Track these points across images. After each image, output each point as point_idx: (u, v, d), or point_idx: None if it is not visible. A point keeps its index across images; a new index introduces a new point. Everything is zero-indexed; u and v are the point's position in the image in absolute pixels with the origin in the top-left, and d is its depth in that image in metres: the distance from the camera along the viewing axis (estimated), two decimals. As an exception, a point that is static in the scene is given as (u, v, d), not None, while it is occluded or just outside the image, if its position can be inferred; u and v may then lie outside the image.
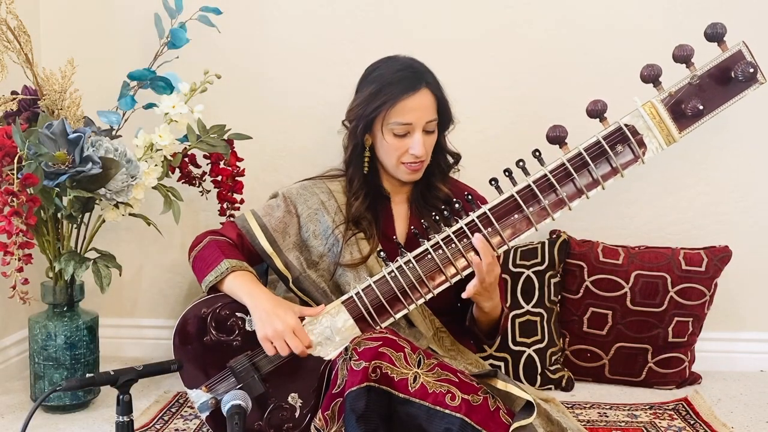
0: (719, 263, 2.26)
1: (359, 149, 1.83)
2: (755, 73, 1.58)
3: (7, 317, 2.35)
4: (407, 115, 1.75)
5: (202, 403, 1.67)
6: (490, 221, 1.66)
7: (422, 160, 1.79)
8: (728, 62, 1.60)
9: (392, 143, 1.77)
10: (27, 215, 1.84)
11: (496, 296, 1.73)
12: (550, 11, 2.38)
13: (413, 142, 1.76)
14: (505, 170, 1.66)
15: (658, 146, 1.63)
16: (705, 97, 1.60)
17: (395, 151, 1.78)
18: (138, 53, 2.34)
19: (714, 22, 1.58)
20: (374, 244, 1.81)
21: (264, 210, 1.86)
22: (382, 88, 1.76)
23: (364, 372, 1.46)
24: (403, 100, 1.74)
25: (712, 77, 1.60)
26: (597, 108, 1.62)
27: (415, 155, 1.77)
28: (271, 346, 1.62)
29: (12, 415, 2.08)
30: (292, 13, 2.42)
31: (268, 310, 1.64)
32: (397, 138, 1.77)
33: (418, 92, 1.76)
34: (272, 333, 1.62)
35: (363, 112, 1.78)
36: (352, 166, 1.87)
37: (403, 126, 1.75)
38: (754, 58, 1.60)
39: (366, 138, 1.82)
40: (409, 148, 1.77)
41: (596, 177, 1.64)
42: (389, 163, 1.81)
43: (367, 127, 1.79)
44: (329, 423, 1.50)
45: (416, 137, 1.76)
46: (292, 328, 1.62)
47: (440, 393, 1.47)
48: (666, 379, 2.30)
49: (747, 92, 1.61)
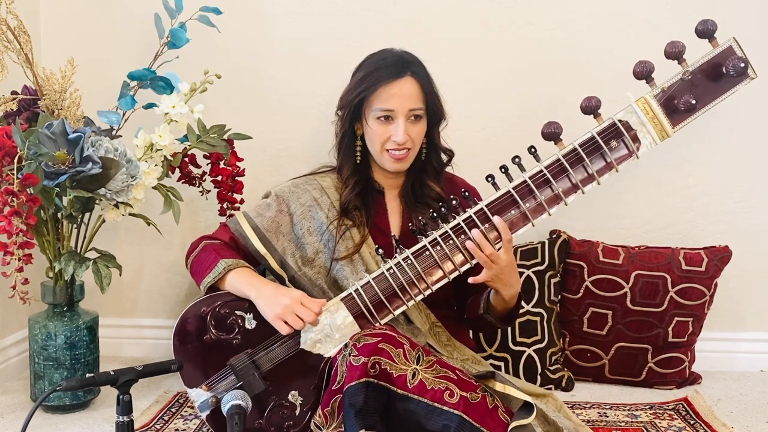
0: (719, 263, 2.26)
1: (348, 137, 1.86)
2: (746, 68, 1.60)
3: (7, 317, 2.35)
4: (389, 101, 1.77)
5: (202, 402, 1.67)
6: (487, 217, 1.67)
7: (407, 147, 1.80)
8: (719, 58, 1.62)
9: (376, 129, 1.80)
10: (27, 215, 1.84)
11: (516, 284, 1.73)
12: (548, 11, 2.38)
13: (395, 129, 1.77)
14: (501, 167, 1.68)
15: (651, 141, 1.65)
16: (697, 92, 1.62)
17: (378, 138, 1.80)
18: (138, 53, 2.35)
19: (704, 19, 1.59)
20: (364, 233, 1.82)
21: (256, 211, 1.87)
22: (368, 74, 1.80)
23: (363, 367, 1.47)
24: (386, 85, 1.77)
25: (704, 73, 1.63)
26: (591, 104, 1.65)
27: (396, 142, 1.78)
28: (284, 324, 1.64)
29: (12, 415, 2.08)
30: (292, 12, 2.42)
31: (272, 292, 1.67)
32: (380, 124, 1.79)
33: (401, 79, 1.78)
34: (282, 310, 1.64)
35: (349, 98, 1.82)
36: (341, 155, 1.89)
37: (384, 111, 1.77)
38: (744, 53, 1.62)
39: (357, 127, 1.85)
40: (392, 135, 1.78)
41: (591, 172, 1.66)
42: (374, 150, 1.83)
43: (354, 113, 1.82)
44: (329, 419, 1.51)
45: (398, 123, 1.77)
46: (299, 300, 1.65)
47: (439, 390, 1.48)
48: (666, 379, 2.30)
49: (739, 87, 1.63)
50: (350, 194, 1.85)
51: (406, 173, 1.90)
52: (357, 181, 1.86)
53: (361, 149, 1.87)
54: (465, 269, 1.69)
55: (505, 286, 1.71)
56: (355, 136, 1.86)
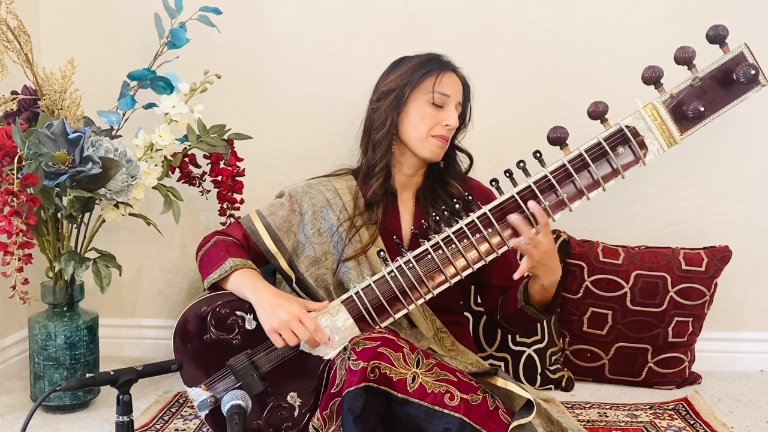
0: (719, 263, 2.26)
1: (388, 126, 1.84)
2: (757, 75, 1.57)
3: (7, 317, 2.35)
4: (448, 88, 1.83)
5: (201, 401, 1.67)
6: (490, 222, 1.66)
7: (451, 136, 1.86)
8: (730, 64, 1.59)
9: (426, 113, 1.82)
10: (27, 215, 1.84)
11: (558, 270, 1.70)
12: (552, 11, 2.38)
13: (448, 114, 1.82)
14: (505, 171, 1.66)
15: (659, 148, 1.63)
16: (706, 98, 1.59)
17: (429, 122, 1.82)
18: (138, 53, 2.35)
19: (716, 24, 1.57)
20: (374, 234, 1.82)
21: (268, 210, 1.87)
22: (427, 61, 1.85)
23: (362, 372, 1.46)
24: (448, 72, 1.85)
25: (714, 79, 1.60)
26: (598, 110, 1.62)
27: (449, 126, 1.82)
28: (280, 337, 1.63)
29: (12, 415, 2.08)
30: (292, 13, 2.42)
31: (272, 302, 1.65)
32: (433, 108, 1.82)
33: (455, 72, 1.87)
34: (278, 324, 1.62)
35: (407, 81, 1.83)
36: (377, 146, 1.86)
37: (442, 95, 1.82)
38: (756, 59, 1.59)
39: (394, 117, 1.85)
40: (443, 120, 1.82)
41: (597, 178, 1.64)
42: (418, 136, 1.82)
43: (400, 99, 1.82)
44: (327, 423, 1.51)
45: (450, 109, 1.83)
46: (297, 317, 1.62)
47: (439, 393, 1.47)
48: (666, 379, 2.30)
49: (749, 94, 1.60)
50: (380, 188, 1.85)
51: (425, 174, 1.91)
52: (386, 175, 1.86)
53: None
54: (467, 273, 1.67)
55: (548, 272, 1.68)
56: (395, 125, 1.84)
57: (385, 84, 1.87)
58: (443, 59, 1.88)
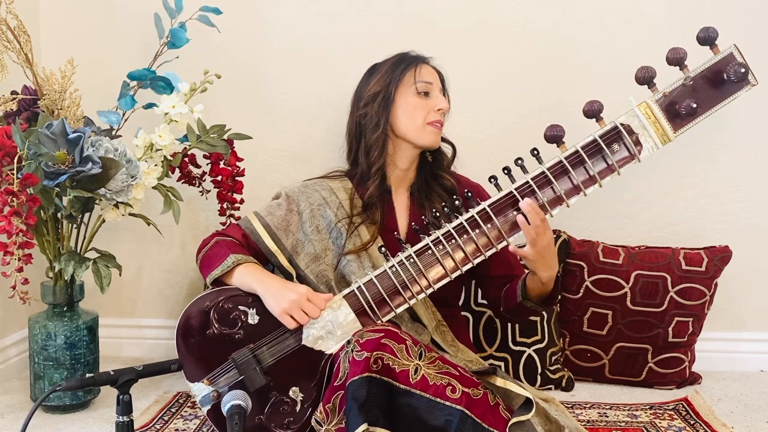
0: (719, 263, 2.26)
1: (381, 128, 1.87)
2: (746, 74, 1.61)
3: (7, 317, 2.35)
4: (428, 76, 1.89)
5: (203, 396, 1.68)
6: (489, 217, 1.68)
7: (444, 120, 1.90)
8: (720, 64, 1.64)
9: (418, 103, 1.86)
10: (27, 215, 1.84)
11: (555, 265, 1.73)
12: (552, 11, 2.38)
13: (436, 99, 1.88)
14: (504, 168, 1.70)
15: (653, 145, 1.67)
16: (699, 97, 1.64)
17: (422, 111, 1.86)
18: (138, 53, 2.35)
19: (706, 26, 1.61)
20: (374, 231, 1.84)
21: (266, 210, 1.90)
22: (401, 59, 1.91)
23: (365, 362, 1.48)
24: (420, 65, 1.90)
25: (705, 79, 1.65)
26: (593, 108, 1.66)
27: (441, 110, 1.87)
28: (291, 319, 1.66)
29: (12, 415, 2.08)
30: (292, 13, 2.42)
31: (279, 287, 1.69)
32: (421, 98, 1.87)
33: (429, 64, 1.93)
34: (288, 304, 1.65)
35: (389, 80, 1.88)
36: (372, 150, 1.88)
37: (426, 84, 1.87)
38: (745, 59, 1.63)
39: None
40: (434, 106, 1.87)
41: (593, 174, 1.67)
42: (415, 126, 1.87)
43: (388, 98, 1.86)
44: (330, 416, 1.52)
45: (437, 94, 1.89)
46: (305, 296, 1.67)
47: (441, 385, 1.49)
48: (666, 379, 2.30)
49: (740, 93, 1.64)
50: (376, 190, 1.87)
51: (417, 168, 1.94)
52: (382, 177, 1.89)
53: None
54: (467, 268, 1.70)
55: (545, 265, 1.70)
56: (388, 123, 1.87)
57: (367, 90, 1.91)
58: (414, 54, 1.93)
